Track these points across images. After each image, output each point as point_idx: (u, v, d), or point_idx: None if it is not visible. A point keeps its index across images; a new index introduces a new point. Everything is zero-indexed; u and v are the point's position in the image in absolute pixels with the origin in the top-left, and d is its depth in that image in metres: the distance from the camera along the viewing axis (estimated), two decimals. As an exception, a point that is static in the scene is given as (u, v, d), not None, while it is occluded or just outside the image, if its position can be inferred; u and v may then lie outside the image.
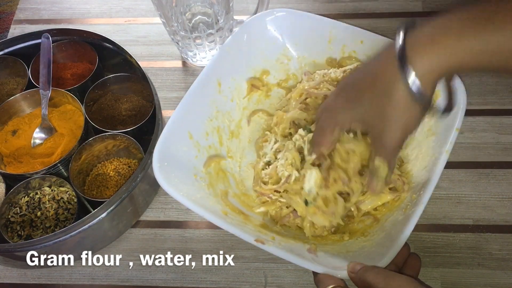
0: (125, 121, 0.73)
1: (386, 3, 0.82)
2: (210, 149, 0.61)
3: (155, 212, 0.67)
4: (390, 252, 0.46)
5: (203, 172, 0.59)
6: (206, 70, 0.61)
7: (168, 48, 0.80)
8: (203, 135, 0.60)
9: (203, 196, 0.56)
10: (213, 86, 0.62)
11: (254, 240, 0.49)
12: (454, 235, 0.62)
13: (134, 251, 0.63)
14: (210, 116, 0.62)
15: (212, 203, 0.56)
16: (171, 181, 0.53)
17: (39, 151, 0.68)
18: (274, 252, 0.48)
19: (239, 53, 0.64)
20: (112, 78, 0.72)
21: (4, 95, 0.74)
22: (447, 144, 0.53)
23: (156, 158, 0.53)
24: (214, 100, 0.62)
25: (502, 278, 0.59)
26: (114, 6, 0.86)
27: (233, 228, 0.50)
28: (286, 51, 0.67)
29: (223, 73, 0.63)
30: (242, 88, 0.66)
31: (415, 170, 0.57)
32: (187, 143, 0.58)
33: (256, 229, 0.54)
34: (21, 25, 0.85)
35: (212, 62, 0.62)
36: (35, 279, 0.63)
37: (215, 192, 0.58)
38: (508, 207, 0.63)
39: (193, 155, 0.59)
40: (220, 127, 0.63)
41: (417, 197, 0.51)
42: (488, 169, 0.66)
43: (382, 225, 0.54)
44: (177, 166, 0.55)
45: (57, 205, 0.64)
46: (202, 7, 0.72)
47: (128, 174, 0.67)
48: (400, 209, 0.53)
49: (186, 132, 0.58)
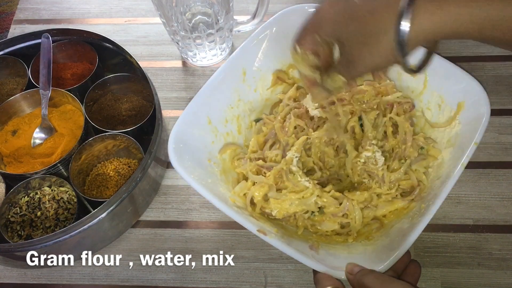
0: (125, 121, 0.73)
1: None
2: (228, 136, 0.61)
3: (155, 212, 0.67)
4: (390, 259, 0.47)
5: (218, 158, 0.59)
6: (232, 58, 0.61)
7: (168, 48, 0.80)
8: (222, 121, 0.61)
9: (214, 181, 0.56)
10: (238, 74, 0.62)
11: (257, 230, 0.50)
12: (454, 235, 0.62)
13: (134, 251, 0.63)
14: (232, 103, 0.62)
15: (223, 189, 0.56)
16: (184, 163, 0.53)
17: (39, 151, 0.68)
18: (275, 244, 0.49)
19: (267, 45, 0.64)
20: (112, 78, 0.72)
21: (4, 95, 0.74)
22: (463, 157, 0.52)
23: (172, 139, 0.54)
24: (237, 89, 0.62)
25: (502, 278, 0.59)
26: (114, 6, 0.86)
27: (237, 216, 0.51)
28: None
29: (249, 63, 0.63)
30: (267, 79, 0.66)
31: (429, 179, 0.57)
32: (205, 128, 0.59)
33: (261, 221, 0.54)
34: (21, 25, 0.85)
35: (239, 50, 0.62)
36: (35, 279, 0.63)
37: (227, 179, 0.58)
38: (508, 207, 0.63)
39: (209, 140, 0.59)
40: (241, 115, 0.63)
41: (425, 207, 0.51)
42: (488, 169, 0.66)
43: (387, 231, 0.54)
44: (192, 149, 0.56)
45: (57, 205, 0.64)
46: (202, 7, 0.72)
47: (128, 174, 0.67)
48: (407, 217, 0.53)
49: (206, 116, 0.59)
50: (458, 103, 0.58)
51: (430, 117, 0.61)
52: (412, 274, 0.48)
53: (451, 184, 0.51)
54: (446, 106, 0.60)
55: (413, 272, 0.49)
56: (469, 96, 0.57)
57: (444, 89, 0.60)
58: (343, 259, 0.50)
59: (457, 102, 0.58)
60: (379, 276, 0.45)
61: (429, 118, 0.61)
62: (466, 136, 0.55)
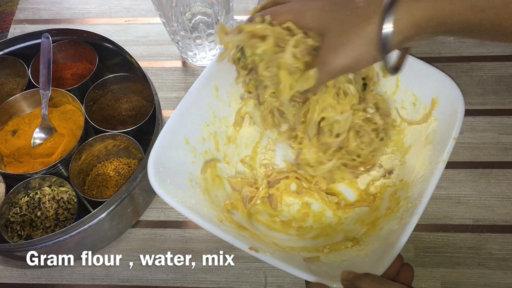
0: (125, 121, 0.73)
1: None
2: (207, 155, 0.60)
3: (155, 212, 0.67)
4: (384, 262, 0.46)
5: (199, 177, 0.58)
6: (203, 75, 0.60)
7: (168, 48, 0.80)
8: (199, 140, 0.60)
9: (198, 201, 0.55)
10: (211, 91, 0.61)
11: (248, 248, 0.49)
12: (454, 235, 0.62)
13: (134, 251, 0.63)
14: (207, 121, 0.61)
15: (207, 209, 0.55)
16: (166, 187, 0.52)
17: (39, 151, 0.68)
18: (268, 260, 0.48)
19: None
20: (112, 78, 0.72)
21: (4, 95, 0.74)
22: (444, 153, 0.52)
23: (151, 163, 0.53)
24: (211, 105, 0.61)
25: (502, 278, 0.59)
26: (114, 6, 0.86)
27: (227, 236, 0.50)
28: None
29: (220, 79, 0.62)
30: (240, 93, 0.65)
31: (411, 179, 0.56)
32: (183, 149, 0.58)
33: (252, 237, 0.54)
34: (21, 25, 0.85)
35: (209, 67, 0.60)
36: (35, 279, 0.63)
37: (211, 198, 0.58)
38: (508, 207, 0.63)
39: (189, 161, 0.58)
40: (217, 132, 0.62)
41: (413, 207, 0.51)
42: (488, 169, 0.66)
43: (378, 234, 0.54)
44: (172, 171, 0.55)
45: (57, 205, 0.64)
46: (202, 7, 0.72)
47: (128, 174, 0.67)
48: (396, 219, 0.53)
49: (182, 137, 0.58)
50: (431, 99, 0.58)
51: (405, 115, 0.61)
52: (405, 277, 0.48)
53: (435, 181, 0.50)
54: (420, 104, 0.59)
55: (406, 275, 0.49)
56: (442, 92, 0.57)
57: (416, 87, 0.59)
58: (336, 268, 0.50)
59: (430, 99, 0.58)
60: (375, 279, 0.45)
61: (405, 117, 0.61)
62: (444, 133, 0.55)
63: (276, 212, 0.61)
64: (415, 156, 0.58)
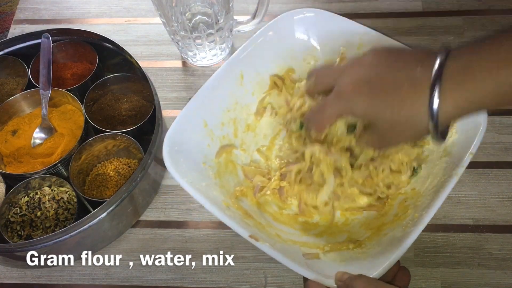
0: (125, 121, 0.73)
1: (386, 3, 0.82)
2: (224, 140, 0.61)
3: (155, 212, 0.67)
4: (383, 266, 0.46)
5: (213, 161, 0.59)
6: (229, 61, 0.61)
7: (168, 48, 0.80)
8: (218, 125, 0.61)
9: (208, 184, 0.56)
10: (235, 78, 0.62)
11: (249, 236, 0.49)
12: (454, 235, 0.62)
13: (134, 251, 0.63)
14: (228, 107, 0.62)
15: (216, 193, 0.56)
16: (178, 166, 0.53)
17: (39, 151, 0.68)
18: (267, 250, 0.48)
19: (265, 48, 0.64)
20: (112, 78, 0.72)
21: (4, 95, 0.74)
22: (459, 167, 0.52)
23: (167, 142, 0.54)
24: (234, 92, 0.62)
25: (502, 278, 0.59)
26: (114, 6, 0.86)
27: (230, 221, 0.50)
28: (313, 51, 0.66)
29: (247, 66, 0.62)
30: (265, 83, 0.65)
31: (423, 189, 0.56)
32: (201, 131, 0.59)
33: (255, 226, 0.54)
34: (21, 25, 0.85)
35: (236, 54, 0.61)
36: (35, 279, 0.63)
37: (221, 183, 0.58)
38: (508, 207, 0.63)
39: (205, 144, 0.59)
40: (237, 119, 0.63)
41: (419, 217, 0.51)
42: (488, 169, 0.66)
43: (380, 239, 0.54)
44: (187, 152, 0.56)
45: (57, 205, 0.64)
46: (202, 7, 0.72)
47: (128, 174, 0.67)
48: (401, 226, 0.53)
49: (202, 119, 0.59)
50: None
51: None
52: (401, 280, 0.48)
53: (445, 195, 0.50)
54: None
55: (403, 278, 0.49)
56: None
57: None
58: (335, 267, 0.49)
59: None
60: (369, 280, 0.45)
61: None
62: (462, 146, 0.54)
63: (285, 205, 0.61)
64: (430, 166, 0.58)
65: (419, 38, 0.76)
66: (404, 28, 0.79)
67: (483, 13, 0.79)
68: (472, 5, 0.81)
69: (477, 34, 0.77)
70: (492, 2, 0.80)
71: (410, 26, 0.79)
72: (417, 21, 0.79)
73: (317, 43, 0.66)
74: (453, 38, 0.77)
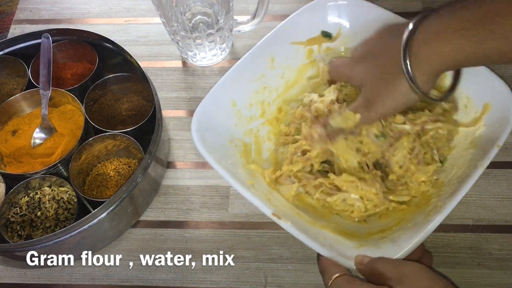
0: (125, 121, 0.73)
1: (386, 3, 0.82)
2: (251, 120, 0.62)
3: (155, 212, 0.67)
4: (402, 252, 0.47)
5: (240, 140, 0.60)
6: (260, 44, 0.63)
7: (168, 48, 0.80)
8: (246, 105, 0.62)
9: (234, 162, 0.57)
10: (266, 61, 0.63)
11: (272, 213, 0.50)
12: (454, 235, 0.62)
13: (134, 251, 0.63)
14: (257, 89, 0.63)
15: (241, 171, 0.57)
16: (206, 143, 0.55)
17: (39, 151, 0.68)
18: (288, 229, 0.50)
19: (297, 34, 0.65)
20: (112, 78, 0.72)
21: (4, 95, 0.74)
22: (484, 159, 0.52)
23: (196, 119, 0.55)
24: (264, 74, 0.63)
25: (502, 278, 0.59)
26: (114, 6, 0.86)
27: (255, 199, 0.52)
28: (344, 38, 0.67)
29: (278, 50, 0.64)
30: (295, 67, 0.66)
31: (447, 179, 0.56)
32: (229, 110, 0.60)
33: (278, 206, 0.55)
34: (21, 25, 0.85)
35: (267, 37, 0.63)
36: (35, 279, 0.63)
37: (247, 162, 0.59)
38: (508, 207, 0.63)
39: (232, 123, 0.60)
40: (265, 101, 0.64)
41: (441, 205, 0.51)
42: (488, 169, 0.65)
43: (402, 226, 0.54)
44: (214, 129, 0.57)
45: (57, 205, 0.64)
46: (202, 7, 0.72)
47: (128, 174, 0.67)
48: (423, 214, 0.53)
49: (230, 99, 0.60)
50: (484, 104, 0.58)
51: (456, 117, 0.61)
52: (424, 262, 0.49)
53: (469, 185, 0.51)
54: (472, 107, 0.59)
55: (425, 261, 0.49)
56: (496, 98, 0.56)
57: (471, 90, 0.59)
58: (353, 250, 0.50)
59: (483, 103, 0.58)
60: (391, 261, 0.45)
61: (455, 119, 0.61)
62: (489, 139, 0.54)
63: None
64: (456, 157, 0.58)
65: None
66: (404, 28, 0.79)
67: (483, 13, 0.79)
68: (472, 5, 0.80)
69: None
70: (492, 2, 0.80)
71: (410, 26, 0.79)
72: (417, 21, 0.79)
73: (349, 31, 0.67)
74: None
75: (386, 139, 0.58)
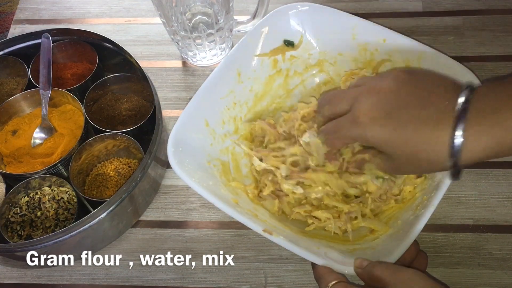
0: (125, 121, 0.73)
1: (386, 3, 0.82)
2: (225, 138, 0.61)
3: (155, 212, 0.67)
4: (398, 250, 0.47)
5: (217, 160, 0.59)
6: (226, 59, 0.62)
7: (168, 48, 0.80)
8: (219, 123, 0.61)
9: (215, 183, 0.56)
10: (233, 76, 0.63)
11: (262, 230, 0.50)
12: (454, 235, 0.62)
13: (134, 251, 0.63)
14: (228, 105, 0.62)
15: (224, 191, 0.56)
16: (184, 167, 0.53)
17: (39, 151, 0.68)
18: (282, 243, 0.49)
19: (261, 45, 0.65)
20: (112, 78, 0.72)
21: (4, 95, 0.74)
22: None
23: (171, 143, 0.54)
24: (233, 90, 0.63)
25: (502, 278, 0.59)
26: (114, 6, 0.86)
27: (243, 218, 0.51)
28: (307, 45, 0.67)
29: (244, 63, 0.63)
30: (262, 79, 0.66)
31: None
32: (203, 130, 0.59)
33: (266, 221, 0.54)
34: (21, 25, 0.85)
35: (233, 52, 0.62)
36: (35, 279, 0.63)
37: (228, 180, 0.58)
38: (508, 207, 0.63)
39: (208, 143, 0.59)
40: (237, 116, 0.63)
41: (428, 199, 0.51)
42: (488, 169, 0.66)
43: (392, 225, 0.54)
44: (191, 152, 0.56)
45: (57, 205, 0.64)
46: (202, 7, 0.72)
47: (128, 174, 0.67)
48: (411, 209, 0.53)
49: (203, 119, 0.59)
50: None
51: None
52: (419, 264, 0.49)
53: None
54: None
55: (421, 262, 0.49)
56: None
57: None
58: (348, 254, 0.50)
59: None
60: (389, 266, 0.45)
61: None
62: None
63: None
64: None
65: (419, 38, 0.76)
66: (404, 28, 0.79)
67: (483, 13, 0.79)
68: (472, 5, 0.81)
69: (477, 34, 0.77)
70: (492, 2, 0.80)
71: (410, 26, 0.79)
72: (417, 21, 0.79)
73: (311, 37, 0.66)
74: (453, 38, 0.77)
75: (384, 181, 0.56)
